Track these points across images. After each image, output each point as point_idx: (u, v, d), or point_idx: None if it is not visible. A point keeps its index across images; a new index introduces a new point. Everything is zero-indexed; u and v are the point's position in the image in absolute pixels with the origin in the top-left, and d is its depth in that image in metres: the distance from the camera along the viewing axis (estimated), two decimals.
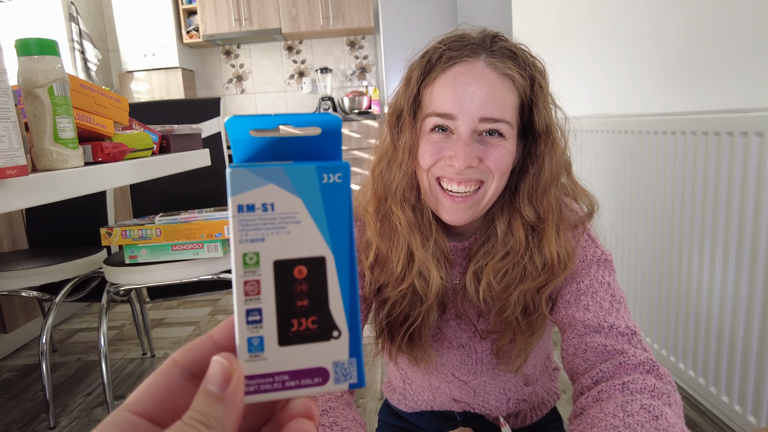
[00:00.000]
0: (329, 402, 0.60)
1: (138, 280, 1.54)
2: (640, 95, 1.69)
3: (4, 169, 0.65)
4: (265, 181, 0.25)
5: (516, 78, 0.64)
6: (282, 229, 0.25)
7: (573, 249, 0.69)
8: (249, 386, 0.24)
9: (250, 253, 0.24)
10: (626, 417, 0.49)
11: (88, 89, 0.99)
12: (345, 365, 0.26)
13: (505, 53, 0.65)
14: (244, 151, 0.26)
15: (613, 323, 0.61)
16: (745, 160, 1.14)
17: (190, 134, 1.40)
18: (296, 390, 0.25)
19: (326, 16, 3.89)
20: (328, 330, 0.26)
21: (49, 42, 0.82)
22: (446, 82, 0.64)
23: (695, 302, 1.35)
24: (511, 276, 0.68)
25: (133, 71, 3.96)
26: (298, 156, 0.27)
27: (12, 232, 2.27)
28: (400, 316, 0.73)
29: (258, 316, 0.25)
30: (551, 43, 2.27)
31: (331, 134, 0.27)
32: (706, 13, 1.35)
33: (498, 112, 0.62)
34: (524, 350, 0.72)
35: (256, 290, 0.25)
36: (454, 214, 0.66)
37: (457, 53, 0.64)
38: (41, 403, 1.85)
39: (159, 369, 0.25)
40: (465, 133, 0.63)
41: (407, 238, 0.70)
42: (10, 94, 0.66)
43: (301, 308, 0.25)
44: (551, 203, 0.68)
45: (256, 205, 0.25)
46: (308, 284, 0.25)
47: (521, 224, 0.68)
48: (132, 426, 0.23)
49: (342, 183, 0.26)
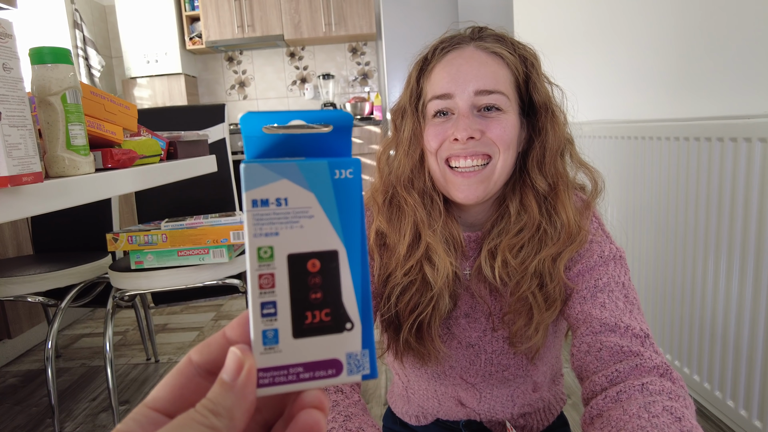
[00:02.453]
0: (350, 408, 0.60)
1: (144, 286, 1.54)
2: (643, 101, 1.70)
3: (21, 176, 0.65)
4: (278, 176, 0.25)
5: (505, 55, 0.69)
6: (295, 224, 0.25)
7: (581, 214, 0.71)
8: (264, 378, 0.25)
9: (264, 246, 0.25)
10: (651, 418, 0.49)
11: (98, 96, 1.00)
12: (358, 357, 0.26)
13: (493, 38, 0.71)
14: (257, 147, 0.27)
15: (629, 324, 0.61)
16: (749, 166, 1.14)
17: (196, 140, 1.41)
18: (310, 382, 0.26)
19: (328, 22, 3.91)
20: (341, 322, 0.26)
21: (63, 51, 0.83)
22: (441, 67, 0.69)
23: (700, 307, 1.35)
24: (528, 249, 0.70)
25: (137, 77, 3.98)
26: (310, 152, 0.27)
27: (17, 238, 2.28)
28: (409, 304, 0.73)
29: (273, 309, 0.25)
30: (554, 50, 2.29)
31: (342, 130, 0.28)
32: (708, 20, 1.37)
33: (492, 84, 0.67)
34: (542, 325, 0.71)
35: (271, 283, 0.25)
36: (466, 190, 0.68)
37: (449, 44, 0.71)
38: (46, 408, 1.85)
39: (176, 367, 0.25)
40: (464, 108, 0.67)
41: (413, 217, 0.72)
42: (26, 102, 0.67)
43: (314, 301, 0.26)
44: (560, 171, 0.70)
45: (270, 200, 0.25)
46: (321, 277, 0.26)
47: (533, 198, 0.70)
48: (150, 421, 0.23)
49: (353, 178, 0.26)
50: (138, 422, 0.23)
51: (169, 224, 1.53)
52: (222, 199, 2.02)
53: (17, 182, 0.65)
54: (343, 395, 0.62)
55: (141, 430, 0.23)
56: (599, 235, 0.72)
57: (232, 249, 1.55)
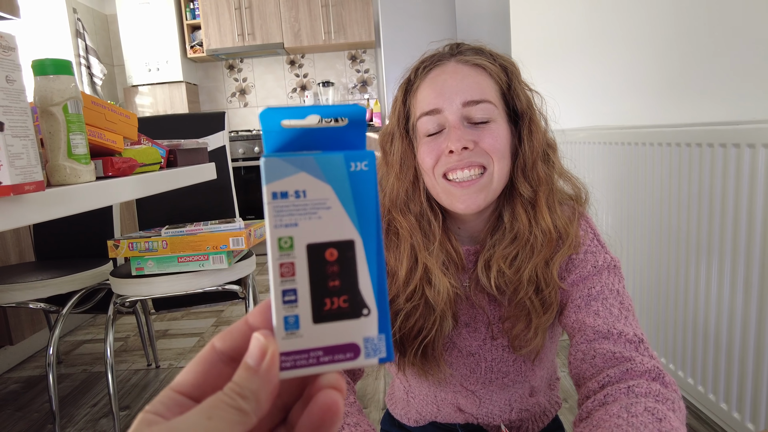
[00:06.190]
0: (346, 406, 0.61)
1: (144, 292, 1.56)
2: (637, 107, 1.72)
3: (23, 185, 0.67)
4: (297, 169, 0.26)
5: (487, 65, 0.70)
6: (314, 215, 0.26)
7: (569, 220, 0.72)
8: (286, 362, 0.26)
9: (284, 237, 0.26)
10: (630, 417, 0.50)
11: (99, 106, 1.03)
12: (375, 341, 0.28)
13: (471, 51, 0.72)
14: (276, 141, 0.28)
15: (622, 330, 0.62)
16: (738, 171, 1.16)
17: (196, 149, 1.43)
18: (330, 365, 0.27)
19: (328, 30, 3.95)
20: (358, 308, 0.27)
21: (64, 62, 0.86)
22: (426, 85, 0.71)
23: (693, 311, 1.37)
24: (521, 258, 0.70)
25: (138, 85, 4.02)
26: (327, 146, 0.28)
27: (19, 245, 2.30)
28: (414, 329, 0.73)
29: (293, 296, 0.26)
30: (549, 57, 2.31)
31: (357, 124, 0.29)
32: (700, 28, 1.39)
33: (478, 94, 0.68)
34: (540, 328, 0.72)
35: (291, 272, 0.26)
36: (467, 200, 0.68)
37: (429, 63, 0.72)
38: (47, 414, 1.86)
39: (199, 354, 0.27)
40: (454, 120, 0.67)
41: (410, 241, 0.72)
42: (28, 113, 0.69)
43: (333, 288, 0.27)
44: (541, 175, 0.71)
45: (289, 192, 0.26)
46: (339, 266, 0.27)
47: (521, 206, 0.71)
48: (176, 403, 0.25)
49: (368, 170, 0.27)
50: (165, 405, 0.25)
51: (169, 231, 1.55)
52: (222, 206, 2.04)
53: (19, 191, 0.67)
54: None
55: (168, 411, 0.24)
56: (594, 245, 0.73)
57: (231, 255, 1.57)
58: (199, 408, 0.24)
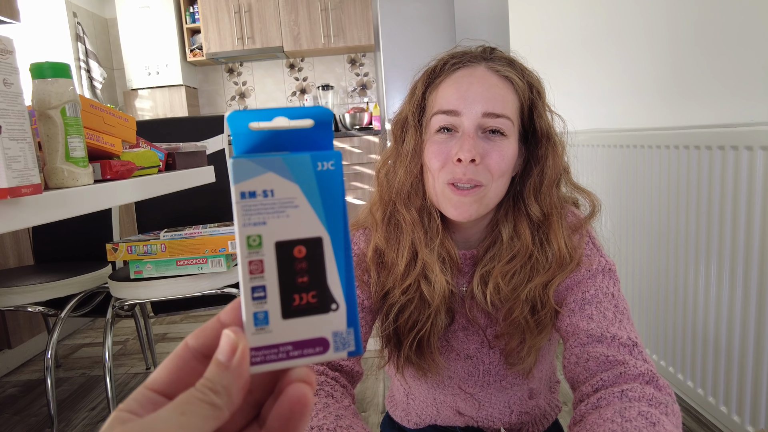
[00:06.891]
0: (340, 410, 0.61)
1: (143, 295, 1.56)
2: (637, 110, 1.73)
3: (20, 188, 0.67)
4: (264, 169, 0.27)
5: (515, 80, 0.68)
6: (282, 213, 0.27)
7: (577, 244, 0.71)
8: (256, 357, 0.27)
9: (253, 235, 0.27)
10: (624, 422, 0.50)
11: (97, 109, 1.03)
12: (343, 335, 0.28)
13: (504, 61, 0.70)
14: (244, 143, 0.28)
15: (616, 334, 0.62)
16: (736, 173, 1.16)
17: (195, 152, 1.44)
18: (299, 359, 0.27)
19: (327, 34, 3.96)
20: (326, 303, 0.28)
21: (62, 65, 0.86)
22: (450, 83, 0.69)
23: (692, 313, 1.37)
24: (520, 277, 0.70)
25: (138, 89, 4.02)
26: (294, 146, 0.29)
27: (18, 248, 2.30)
28: (408, 322, 0.73)
29: (262, 293, 0.27)
30: (548, 60, 2.32)
31: (323, 125, 0.29)
32: (699, 31, 1.39)
33: (500, 108, 0.66)
34: (534, 348, 0.72)
35: (260, 269, 0.27)
36: (460, 207, 0.67)
37: (459, 61, 0.70)
38: (45, 418, 1.85)
39: (173, 352, 0.27)
40: (469, 128, 0.66)
41: (411, 236, 0.72)
42: (26, 116, 0.69)
43: (301, 284, 0.28)
44: (554, 200, 0.71)
45: (257, 192, 0.27)
46: (307, 262, 0.28)
47: (527, 226, 0.71)
48: (150, 401, 0.25)
49: (335, 170, 0.28)
50: (138, 402, 0.25)
51: (168, 234, 1.54)
52: (220, 209, 2.04)
53: (16, 194, 0.67)
54: (334, 399, 0.63)
55: (142, 409, 0.25)
56: (589, 248, 0.72)
57: (230, 258, 1.57)
58: (172, 404, 0.24)
